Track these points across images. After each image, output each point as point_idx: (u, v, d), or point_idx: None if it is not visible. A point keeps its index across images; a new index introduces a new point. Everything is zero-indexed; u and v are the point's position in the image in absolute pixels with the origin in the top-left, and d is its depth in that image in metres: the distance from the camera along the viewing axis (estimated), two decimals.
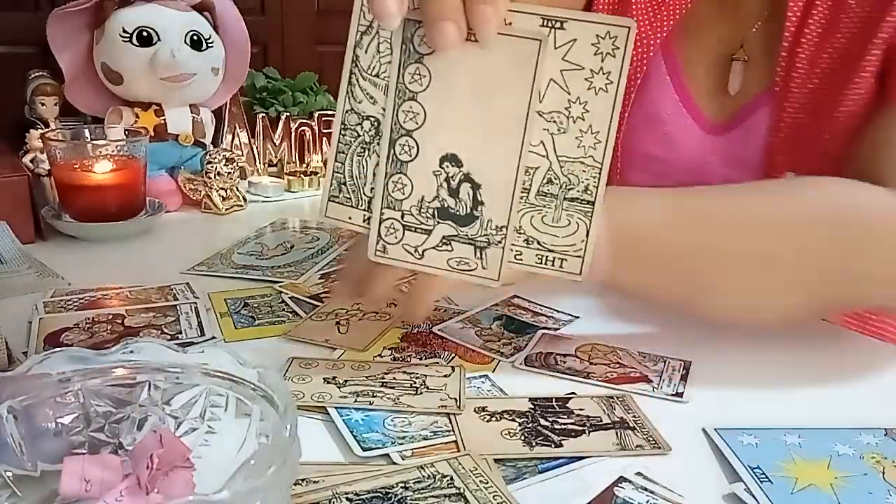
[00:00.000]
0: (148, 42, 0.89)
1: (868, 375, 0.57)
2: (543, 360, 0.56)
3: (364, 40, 0.42)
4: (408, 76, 0.41)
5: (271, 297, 0.66)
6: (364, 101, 0.42)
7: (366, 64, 0.42)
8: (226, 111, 1.05)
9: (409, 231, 0.42)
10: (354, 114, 0.42)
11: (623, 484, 0.41)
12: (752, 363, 0.57)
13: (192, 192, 0.94)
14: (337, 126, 0.43)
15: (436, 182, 0.41)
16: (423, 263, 0.43)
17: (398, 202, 0.42)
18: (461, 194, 0.42)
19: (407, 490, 0.40)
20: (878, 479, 0.43)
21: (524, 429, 0.46)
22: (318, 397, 0.49)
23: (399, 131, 0.41)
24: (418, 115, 0.41)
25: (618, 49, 0.39)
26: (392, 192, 0.42)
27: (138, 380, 0.38)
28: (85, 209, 0.81)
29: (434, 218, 0.42)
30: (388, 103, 0.41)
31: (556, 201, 0.43)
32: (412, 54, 0.40)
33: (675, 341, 0.60)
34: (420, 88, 0.40)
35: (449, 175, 0.41)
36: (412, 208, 0.42)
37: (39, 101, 1.02)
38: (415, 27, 0.40)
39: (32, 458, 0.36)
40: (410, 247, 0.43)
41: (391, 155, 0.41)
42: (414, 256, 0.43)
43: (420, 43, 0.40)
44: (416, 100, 0.41)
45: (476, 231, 0.43)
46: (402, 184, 0.42)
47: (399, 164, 0.41)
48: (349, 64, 0.42)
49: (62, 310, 0.62)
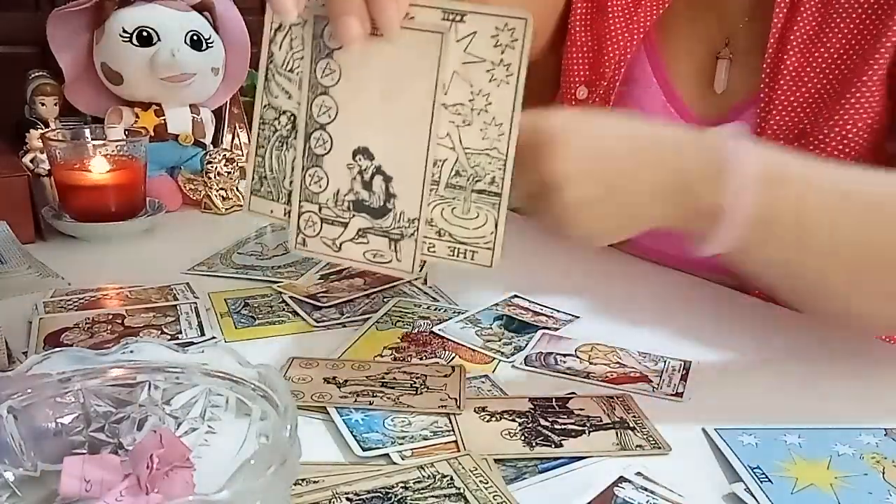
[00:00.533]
0: (148, 42, 0.89)
1: (868, 375, 0.57)
2: (543, 360, 0.56)
3: (278, 37, 0.43)
4: (319, 71, 0.41)
5: (271, 297, 0.66)
6: (280, 95, 0.43)
7: (280, 60, 0.43)
8: (226, 111, 1.05)
9: (327, 224, 0.43)
10: (272, 109, 0.43)
11: (623, 484, 0.41)
12: (752, 363, 0.57)
13: (192, 192, 0.94)
14: (256, 121, 0.44)
15: (350, 175, 0.42)
16: (340, 256, 0.44)
17: (315, 195, 0.43)
18: (374, 187, 0.42)
19: (407, 490, 0.40)
20: (878, 479, 0.43)
21: (524, 429, 0.46)
22: (318, 397, 0.49)
23: (313, 125, 0.42)
24: (331, 109, 0.41)
25: (516, 41, 0.40)
26: (309, 185, 0.43)
27: (138, 380, 0.38)
28: (85, 209, 0.81)
29: (350, 210, 0.43)
30: (302, 98, 0.42)
31: (465, 193, 0.43)
32: (323, 49, 0.41)
33: (675, 341, 0.60)
34: (331, 83, 0.41)
35: (362, 168, 0.42)
36: (328, 201, 0.43)
37: (39, 101, 1.02)
38: (324, 23, 0.40)
39: (32, 458, 0.36)
40: (328, 239, 0.43)
41: (307, 149, 0.42)
42: (332, 249, 0.44)
43: (329, 38, 0.41)
44: (328, 94, 0.41)
45: (390, 223, 0.43)
46: (318, 177, 0.42)
47: (314, 157, 0.42)
48: (265, 60, 0.43)
49: (62, 310, 0.62)
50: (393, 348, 0.57)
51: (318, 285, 0.69)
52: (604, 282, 0.73)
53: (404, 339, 0.59)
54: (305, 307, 0.64)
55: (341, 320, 0.62)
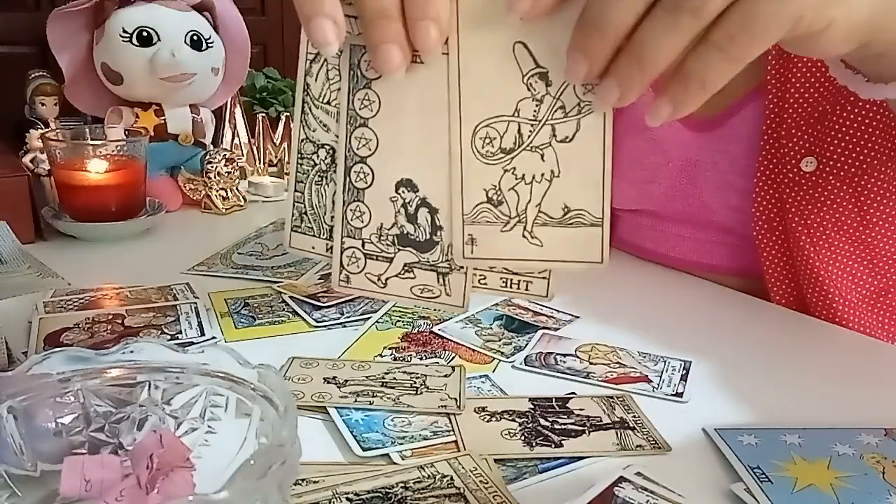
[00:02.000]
0: (148, 42, 0.89)
1: (868, 375, 0.57)
2: (543, 360, 0.56)
3: (313, 68, 0.41)
4: (357, 102, 0.40)
5: (271, 297, 0.66)
6: (318, 129, 0.41)
7: (317, 92, 0.41)
8: (226, 111, 1.05)
9: (371, 259, 0.41)
10: (310, 142, 0.42)
11: (623, 484, 0.41)
12: (752, 363, 0.57)
13: (192, 192, 0.94)
14: (294, 156, 0.42)
15: (393, 208, 0.40)
16: (386, 292, 0.42)
17: (357, 230, 0.41)
18: (419, 220, 0.40)
19: (407, 490, 0.40)
20: (878, 479, 0.43)
21: (524, 429, 0.46)
22: (318, 397, 0.49)
23: (353, 158, 0.40)
24: (371, 142, 0.40)
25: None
26: (351, 220, 0.41)
27: (138, 380, 0.38)
28: (85, 209, 0.81)
29: (394, 245, 0.41)
30: (341, 131, 0.40)
31: None
32: (360, 80, 0.39)
33: (675, 341, 0.60)
34: (370, 114, 0.39)
35: (406, 201, 0.40)
36: (372, 236, 0.41)
37: (39, 101, 1.02)
38: (361, 52, 0.39)
39: (32, 458, 0.36)
40: (373, 275, 0.42)
41: (347, 183, 0.40)
42: (378, 286, 0.42)
43: (367, 68, 0.39)
44: (367, 125, 0.40)
45: (437, 257, 0.41)
46: (360, 211, 0.41)
47: (356, 191, 0.40)
48: (301, 93, 0.41)
49: (62, 310, 0.62)
50: (393, 348, 0.57)
51: (318, 285, 0.69)
52: (604, 282, 0.73)
53: (404, 339, 0.59)
54: (305, 307, 0.64)
55: (341, 320, 0.62)
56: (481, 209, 0.38)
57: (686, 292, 0.72)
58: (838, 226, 0.65)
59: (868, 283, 0.66)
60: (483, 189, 0.38)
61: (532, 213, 0.37)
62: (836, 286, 0.66)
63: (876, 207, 0.64)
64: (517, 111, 0.36)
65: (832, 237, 0.65)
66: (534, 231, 0.38)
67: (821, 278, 0.66)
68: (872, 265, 0.66)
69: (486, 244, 0.38)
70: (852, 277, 0.66)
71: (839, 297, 0.66)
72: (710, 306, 0.69)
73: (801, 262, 0.66)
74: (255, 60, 1.05)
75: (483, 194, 0.38)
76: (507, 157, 0.37)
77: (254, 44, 1.02)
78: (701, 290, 0.72)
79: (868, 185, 0.63)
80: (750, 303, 0.69)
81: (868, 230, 0.65)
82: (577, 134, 0.36)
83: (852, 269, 0.66)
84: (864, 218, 0.64)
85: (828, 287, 0.66)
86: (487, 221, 0.38)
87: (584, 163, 0.36)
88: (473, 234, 0.38)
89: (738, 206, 0.70)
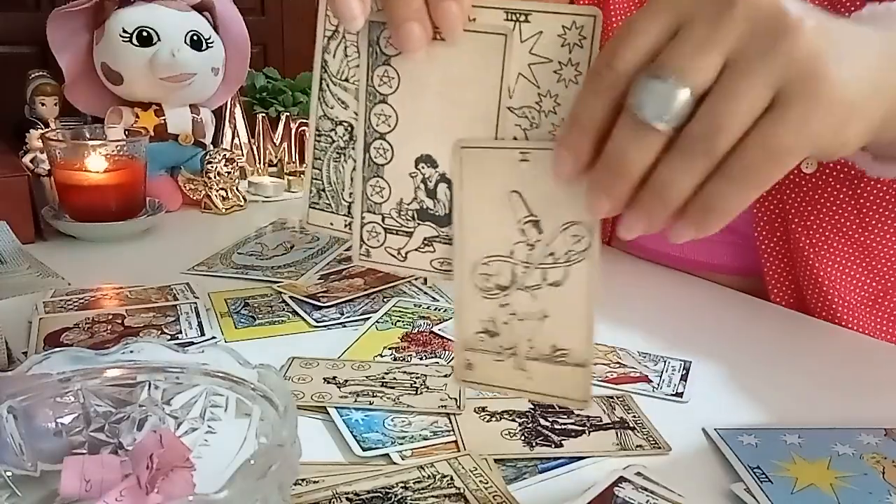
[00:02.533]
0: (148, 42, 0.89)
1: (868, 375, 0.57)
2: None
3: (331, 45, 0.41)
4: (377, 79, 0.40)
5: (271, 297, 0.66)
6: (336, 106, 0.42)
7: (335, 69, 0.42)
8: (226, 111, 1.05)
9: (391, 234, 0.42)
10: (328, 119, 0.42)
11: (623, 484, 0.41)
12: (752, 363, 0.57)
13: (192, 192, 0.94)
14: (311, 133, 0.43)
15: (413, 184, 0.41)
16: (406, 265, 0.43)
17: (378, 205, 0.42)
18: (439, 195, 0.41)
19: (407, 490, 0.40)
20: (878, 479, 0.43)
21: (524, 429, 0.46)
22: (318, 397, 0.49)
23: (373, 135, 0.41)
24: (390, 118, 0.40)
25: (585, 39, 0.38)
26: (371, 195, 0.42)
27: (138, 380, 0.38)
28: (85, 209, 0.81)
29: (414, 220, 0.41)
30: (360, 107, 0.41)
31: None
32: (379, 56, 0.40)
33: (675, 341, 0.60)
34: (390, 91, 0.40)
35: (425, 176, 0.41)
36: (392, 211, 0.42)
37: (39, 101, 1.02)
38: (380, 29, 0.39)
39: (32, 458, 0.36)
40: (393, 249, 0.42)
41: (367, 159, 0.41)
42: (398, 259, 0.42)
43: (386, 45, 0.39)
44: (386, 102, 0.40)
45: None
46: (379, 187, 0.41)
47: (375, 167, 0.41)
48: (318, 70, 0.42)
49: (62, 310, 0.62)
50: (393, 348, 0.57)
51: (318, 285, 0.69)
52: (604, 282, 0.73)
53: (404, 339, 0.59)
54: (305, 307, 0.64)
55: (341, 320, 0.62)
56: (479, 337, 0.40)
57: (686, 292, 0.72)
58: (837, 228, 0.65)
59: (867, 285, 0.67)
60: (480, 320, 0.39)
61: (524, 348, 0.39)
62: (836, 288, 0.66)
63: (875, 210, 0.64)
64: (512, 253, 0.38)
65: (831, 239, 0.65)
66: (525, 365, 0.39)
67: (820, 279, 0.66)
68: (871, 267, 0.66)
69: (481, 370, 0.40)
70: (851, 279, 0.66)
71: (838, 299, 0.66)
72: (710, 306, 0.69)
73: (801, 263, 0.66)
74: (255, 60, 1.05)
75: (480, 325, 0.39)
76: (502, 294, 0.39)
77: (254, 44, 1.02)
78: (701, 290, 0.72)
79: (867, 189, 0.63)
80: (750, 303, 0.69)
81: (867, 233, 0.65)
82: (566, 280, 0.38)
83: (851, 270, 0.66)
84: (864, 221, 0.64)
85: (827, 288, 0.66)
86: (483, 350, 0.40)
87: (571, 307, 0.38)
88: (470, 360, 0.40)
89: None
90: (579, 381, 0.38)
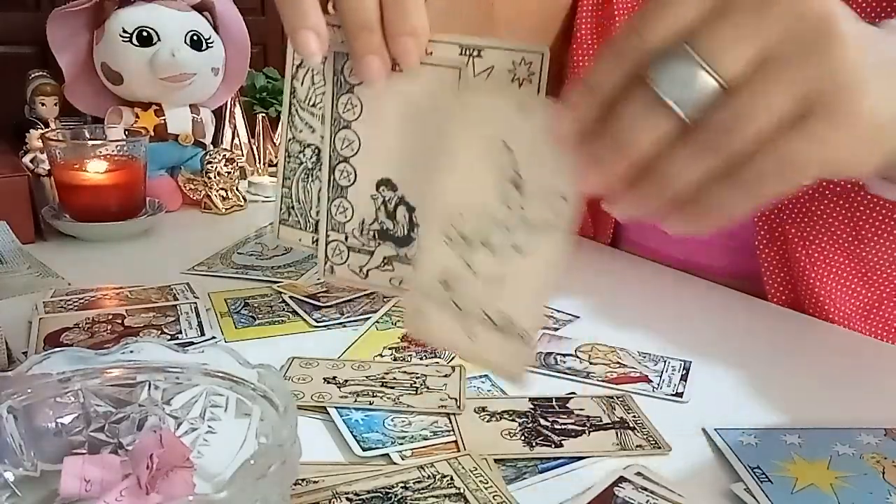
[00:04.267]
0: (148, 42, 0.89)
1: (868, 375, 0.57)
2: (543, 359, 0.56)
3: (299, 73, 0.43)
4: (341, 106, 0.42)
5: (271, 297, 0.66)
6: (304, 130, 0.44)
7: (303, 95, 0.43)
8: (226, 111, 1.05)
9: (353, 252, 0.44)
10: (296, 142, 0.44)
11: (623, 484, 0.41)
12: (752, 363, 0.57)
13: (192, 192, 0.94)
14: (282, 154, 0.45)
15: (374, 205, 0.43)
16: (367, 283, 0.45)
17: (341, 224, 0.44)
18: (398, 217, 0.43)
19: (407, 490, 0.40)
20: (878, 479, 0.43)
21: (524, 429, 0.46)
22: (318, 397, 0.49)
23: (337, 158, 0.43)
24: (353, 143, 0.42)
25: (533, 74, 0.40)
26: (335, 215, 0.44)
27: (138, 380, 0.38)
28: (85, 209, 0.81)
29: (375, 239, 0.43)
30: (326, 131, 0.42)
31: None
32: (344, 85, 0.42)
33: (675, 341, 0.60)
34: (353, 117, 0.42)
35: (386, 199, 0.42)
36: (354, 230, 0.43)
37: (39, 101, 1.02)
38: (344, 59, 0.41)
39: (32, 458, 0.36)
40: (355, 267, 0.44)
41: (332, 180, 0.43)
42: (359, 276, 0.44)
43: (350, 74, 0.41)
44: (350, 128, 0.42)
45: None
46: (343, 207, 0.43)
47: (340, 188, 0.43)
48: (288, 96, 0.44)
49: (62, 310, 0.62)
50: (393, 348, 0.57)
51: (318, 285, 0.69)
52: (604, 282, 0.73)
53: (404, 339, 0.59)
54: (305, 307, 0.64)
55: (341, 320, 0.62)
56: (434, 286, 0.40)
57: (686, 292, 0.72)
58: (833, 239, 0.65)
59: (861, 294, 0.67)
60: (439, 268, 0.40)
61: (474, 308, 0.39)
62: (830, 297, 0.66)
63: (871, 224, 0.64)
64: (486, 207, 0.38)
65: (826, 250, 0.66)
66: (472, 326, 0.39)
67: (816, 289, 0.66)
68: (866, 278, 0.66)
69: (429, 321, 0.40)
70: (846, 289, 0.66)
71: (833, 308, 0.66)
72: (710, 306, 0.69)
73: (798, 271, 0.66)
74: (255, 60, 1.05)
75: (438, 273, 0.40)
76: (465, 244, 0.39)
77: (254, 44, 1.02)
78: (701, 290, 0.72)
79: (863, 202, 0.63)
80: (750, 303, 0.69)
81: (862, 245, 0.65)
82: (532, 248, 0.37)
83: (846, 280, 0.66)
84: (859, 233, 0.64)
85: (823, 298, 0.66)
86: (436, 301, 0.40)
87: (529, 277, 0.38)
88: (422, 308, 0.40)
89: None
90: (519, 353, 0.39)
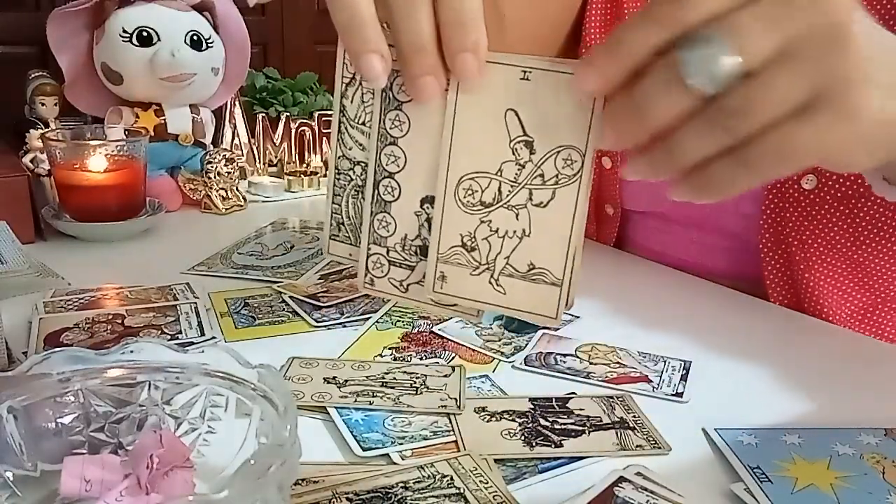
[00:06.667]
0: (148, 42, 0.89)
1: (868, 375, 0.57)
2: (543, 360, 0.56)
3: (349, 91, 0.43)
4: (388, 122, 0.42)
5: (271, 297, 0.66)
6: (354, 147, 0.44)
7: (352, 113, 0.44)
8: (226, 111, 1.05)
9: (394, 266, 0.44)
10: (346, 159, 0.44)
11: (623, 484, 0.41)
12: (752, 363, 0.57)
13: (192, 192, 0.94)
14: (331, 171, 0.45)
15: (417, 222, 0.43)
16: (407, 296, 0.44)
17: (383, 239, 0.43)
18: None
19: (407, 490, 0.40)
20: (878, 479, 0.43)
21: (524, 429, 0.46)
22: (318, 397, 0.49)
23: (382, 173, 0.42)
24: (399, 159, 0.42)
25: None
26: (377, 229, 0.43)
27: (138, 380, 0.38)
28: (85, 209, 0.81)
29: (416, 255, 0.43)
30: (371, 146, 0.42)
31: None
32: (392, 101, 0.42)
33: (675, 341, 0.60)
34: (400, 134, 0.42)
35: (429, 216, 0.42)
36: (396, 245, 0.43)
37: (39, 101, 1.02)
38: (394, 76, 0.41)
39: (32, 458, 0.36)
40: (396, 280, 0.44)
41: (375, 195, 0.43)
42: (399, 290, 0.44)
43: (399, 91, 0.41)
44: (396, 144, 0.42)
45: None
46: (386, 222, 0.43)
47: (383, 203, 0.43)
48: (337, 114, 0.44)
49: (62, 310, 0.62)
50: (393, 348, 0.57)
51: (318, 285, 0.69)
52: (604, 282, 0.73)
53: (404, 339, 0.59)
54: (305, 307, 0.64)
55: (341, 320, 0.62)
56: (455, 251, 0.41)
57: (686, 292, 0.72)
58: (832, 244, 0.65)
59: (858, 298, 0.67)
60: (459, 234, 0.40)
61: (500, 263, 0.40)
62: (828, 300, 0.66)
63: (870, 231, 0.64)
64: (500, 171, 0.39)
65: (825, 254, 0.66)
66: (499, 280, 0.40)
67: (815, 292, 0.66)
68: (864, 282, 0.67)
69: (454, 283, 0.41)
70: (843, 292, 0.67)
71: (831, 311, 0.66)
72: (710, 306, 0.69)
73: (798, 275, 0.67)
74: (255, 60, 1.05)
75: (459, 238, 0.40)
76: (485, 210, 0.40)
77: (254, 44, 1.02)
78: (701, 290, 0.72)
79: (864, 208, 0.63)
80: (750, 303, 0.69)
81: (860, 250, 0.65)
82: (552, 202, 0.38)
83: (844, 284, 0.67)
84: (858, 240, 0.65)
85: (822, 301, 0.66)
86: (459, 263, 0.41)
87: (553, 228, 0.39)
88: (445, 272, 0.41)
89: (749, 214, 0.70)
90: (552, 299, 0.39)
